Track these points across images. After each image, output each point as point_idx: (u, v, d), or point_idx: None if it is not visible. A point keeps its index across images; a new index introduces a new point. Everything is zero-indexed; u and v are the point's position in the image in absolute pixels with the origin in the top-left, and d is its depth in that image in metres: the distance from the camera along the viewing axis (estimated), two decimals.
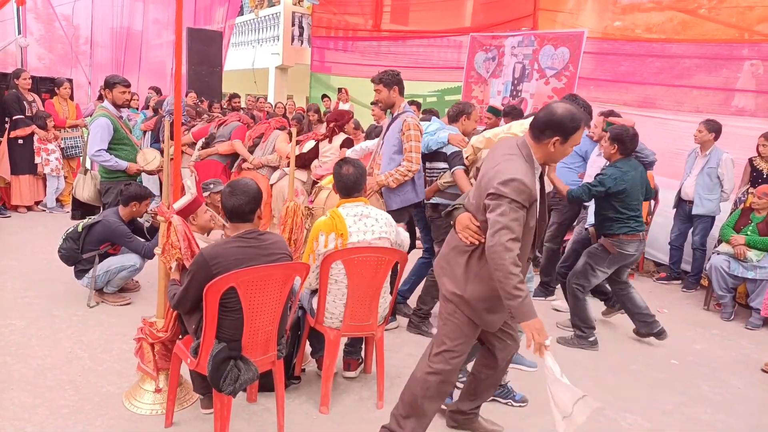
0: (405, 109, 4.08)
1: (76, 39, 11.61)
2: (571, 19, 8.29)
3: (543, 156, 2.40)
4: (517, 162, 2.33)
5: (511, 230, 2.22)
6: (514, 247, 2.22)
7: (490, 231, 2.27)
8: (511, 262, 2.20)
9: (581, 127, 2.34)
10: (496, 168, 2.32)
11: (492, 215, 2.27)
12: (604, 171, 4.08)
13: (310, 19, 13.59)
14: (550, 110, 2.34)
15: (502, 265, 2.21)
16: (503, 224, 2.22)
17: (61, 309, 4.20)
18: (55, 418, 2.83)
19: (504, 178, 2.25)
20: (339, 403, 3.17)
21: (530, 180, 2.29)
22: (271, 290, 2.52)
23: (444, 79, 10.01)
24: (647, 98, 7.24)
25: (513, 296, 2.22)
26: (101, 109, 4.89)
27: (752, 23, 6.50)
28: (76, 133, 7.70)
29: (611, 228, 4.05)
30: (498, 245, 2.22)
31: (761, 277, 4.91)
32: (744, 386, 3.83)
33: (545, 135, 2.33)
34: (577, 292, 4.20)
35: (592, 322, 4.23)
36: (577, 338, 4.24)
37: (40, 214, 7.30)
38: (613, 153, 4.06)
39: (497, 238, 2.23)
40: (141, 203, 4.39)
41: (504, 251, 2.21)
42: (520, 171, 2.28)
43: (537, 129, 2.36)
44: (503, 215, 2.23)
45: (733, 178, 5.56)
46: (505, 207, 2.23)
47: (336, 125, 5.68)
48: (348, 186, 3.06)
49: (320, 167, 5.57)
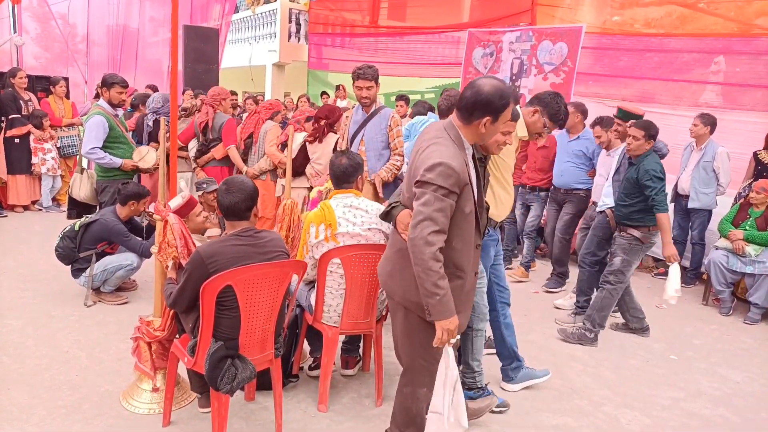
0: (381, 104, 4.21)
1: (72, 37, 11.58)
2: (569, 14, 8.27)
3: (473, 137, 2.27)
4: (444, 145, 2.18)
5: (434, 221, 2.08)
6: (437, 241, 2.09)
7: (412, 222, 2.13)
8: (431, 257, 2.08)
9: (510, 103, 2.20)
10: (424, 154, 2.19)
11: (416, 204, 2.14)
12: (646, 169, 3.93)
13: (307, 16, 13.54)
14: (476, 89, 2.18)
15: (422, 259, 2.09)
16: (426, 215, 2.09)
17: (58, 308, 4.18)
18: (53, 418, 2.82)
19: (429, 163, 2.11)
20: (337, 401, 3.16)
21: (458, 163, 2.13)
22: (268, 288, 2.51)
23: (442, 75, 9.98)
24: (646, 93, 7.22)
25: (431, 293, 2.11)
26: (97, 107, 4.88)
27: (751, 17, 6.49)
28: (72, 132, 7.68)
29: (642, 219, 4.01)
30: (418, 239, 2.09)
31: (760, 272, 4.90)
32: (743, 381, 3.82)
33: (474, 116, 2.19)
34: (614, 290, 4.14)
35: (605, 323, 4.22)
36: (582, 332, 4.21)
37: (36, 214, 7.28)
38: (640, 145, 3.99)
39: (418, 231, 2.09)
40: (139, 202, 4.38)
41: (424, 245, 2.08)
42: (445, 154, 2.13)
43: (465, 110, 2.21)
44: (426, 205, 2.09)
45: (729, 172, 5.56)
46: (429, 196, 2.09)
47: (327, 123, 4.88)
48: (337, 175, 3.08)
49: (316, 176, 4.82)
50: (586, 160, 5.36)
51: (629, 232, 4.08)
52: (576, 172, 5.37)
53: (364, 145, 4.20)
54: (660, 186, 3.91)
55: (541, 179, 5.75)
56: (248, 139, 5.60)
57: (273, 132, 5.47)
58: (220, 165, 5.55)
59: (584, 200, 5.39)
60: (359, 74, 4.08)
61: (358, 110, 4.31)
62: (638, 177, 3.96)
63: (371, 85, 4.08)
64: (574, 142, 5.39)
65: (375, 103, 4.19)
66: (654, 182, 3.88)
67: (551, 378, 3.62)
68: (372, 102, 4.18)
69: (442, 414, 2.19)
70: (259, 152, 5.54)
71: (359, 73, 4.08)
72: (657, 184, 3.89)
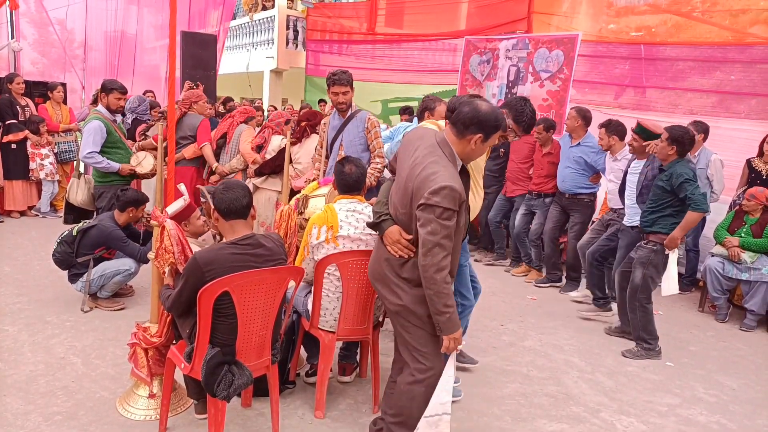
0: (357, 107, 4.26)
1: (70, 43, 11.57)
2: (565, 22, 8.32)
3: (462, 152, 2.37)
4: (443, 166, 2.28)
5: (443, 248, 2.23)
6: (447, 264, 2.25)
7: (422, 250, 2.25)
8: (443, 280, 2.24)
9: (501, 130, 2.37)
10: (423, 174, 2.27)
11: (422, 232, 2.24)
12: (679, 173, 3.89)
13: (304, 23, 13.59)
14: (474, 106, 2.30)
15: (434, 284, 2.24)
16: (434, 242, 2.21)
17: (54, 314, 4.17)
18: (49, 425, 2.81)
19: (435, 186, 2.19)
20: (334, 408, 3.16)
21: (459, 183, 2.25)
22: (265, 294, 2.51)
23: (439, 82, 10.02)
24: (641, 100, 7.27)
25: (442, 312, 2.28)
26: (95, 112, 4.89)
27: (745, 26, 6.54)
28: (69, 138, 7.67)
29: (668, 227, 3.98)
30: (430, 265, 2.23)
31: (755, 279, 4.92)
32: (739, 388, 3.83)
33: (469, 131, 2.31)
34: (648, 306, 4.15)
35: (656, 333, 4.23)
36: (645, 350, 4.19)
37: (33, 219, 7.26)
38: (671, 154, 3.97)
39: (430, 259, 2.23)
40: (138, 209, 4.38)
41: (436, 272, 2.23)
42: (447, 176, 2.23)
43: (461, 124, 2.32)
44: (434, 234, 2.21)
45: (722, 179, 5.61)
46: (435, 224, 2.20)
47: (308, 125, 4.97)
48: (349, 184, 3.10)
49: (297, 178, 4.83)
50: (587, 167, 5.42)
51: (652, 239, 4.07)
52: (577, 177, 5.46)
53: (343, 150, 4.24)
54: (696, 183, 3.88)
55: (547, 185, 5.82)
56: (221, 140, 5.62)
57: (248, 133, 5.46)
58: (190, 165, 5.50)
59: (588, 205, 5.55)
60: (334, 80, 4.11)
61: (335, 116, 4.36)
62: (671, 182, 3.92)
63: (347, 90, 4.11)
64: (575, 148, 5.44)
65: (351, 107, 4.25)
66: (690, 184, 3.84)
67: (547, 384, 3.63)
68: (348, 107, 4.23)
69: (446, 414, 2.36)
70: (231, 152, 5.51)
71: (334, 79, 4.12)
72: (692, 185, 3.85)
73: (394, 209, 2.49)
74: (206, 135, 5.47)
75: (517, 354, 4.09)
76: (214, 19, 12.15)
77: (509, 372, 3.77)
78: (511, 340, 4.34)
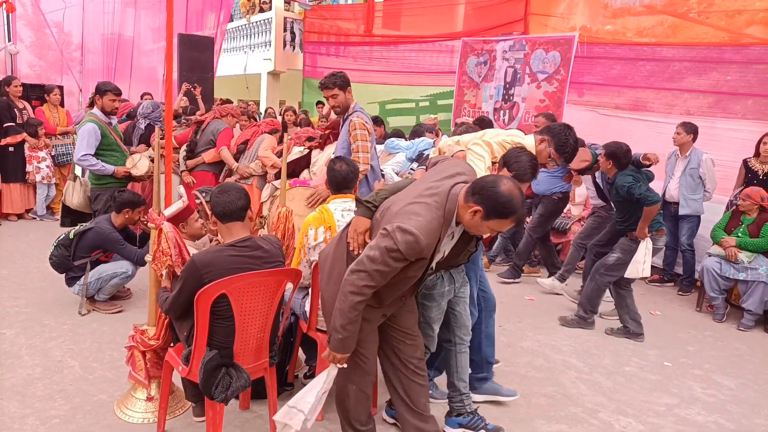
0: (356, 109, 4.13)
1: (67, 46, 11.54)
2: (562, 23, 8.35)
3: (462, 217, 2.22)
4: (431, 215, 2.15)
5: (371, 278, 2.14)
6: (367, 294, 2.17)
7: (354, 265, 2.18)
8: (353, 306, 2.17)
9: (510, 220, 2.15)
10: (409, 208, 2.17)
11: (366, 249, 2.18)
12: (620, 184, 4.28)
13: (302, 25, 13.59)
14: (493, 181, 2.14)
15: (344, 301, 2.19)
16: (368, 269, 2.13)
17: (51, 317, 4.16)
18: (46, 429, 2.81)
19: (405, 226, 2.08)
20: (332, 410, 3.14)
21: (429, 241, 2.13)
22: (263, 297, 2.51)
23: (436, 83, 10.05)
24: (638, 101, 7.29)
25: (338, 330, 2.23)
26: (90, 115, 4.89)
27: (741, 26, 6.56)
28: (67, 140, 7.65)
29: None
30: (351, 284, 2.17)
31: (753, 279, 4.93)
32: (737, 387, 3.84)
33: (473, 198, 2.15)
34: (603, 284, 4.56)
35: (597, 310, 4.74)
36: (579, 319, 4.69)
37: (30, 222, 7.25)
38: (610, 168, 4.41)
39: (354, 278, 2.16)
40: (134, 210, 4.37)
41: (352, 293, 2.16)
42: (423, 226, 2.10)
43: (472, 188, 2.17)
44: (372, 261, 2.13)
45: (714, 178, 5.69)
46: (379, 254, 2.11)
47: (332, 133, 4.98)
48: (338, 181, 3.13)
49: (311, 180, 4.90)
50: (559, 168, 5.31)
51: (632, 236, 4.40)
52: (550, 179, 5.52)
53: (336, 152, 4.23)
54: (638, 184, 4.22)
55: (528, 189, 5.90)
56: (242, 145, 5.77)
57: (269, 141, 5.64)
58: (209, 170, 5.76)
59: (556, 203, 5.64)
60: (320, 85, 4.12)
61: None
62: (620, 193, 4.30)
63: (334, 93, 4.04)
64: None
65: (348, 109, 4.15)
66: (633, 187, 4.20)
67: (545, 385, 3.64)
68: (344, 109, 4.15)
69: (302, 412, 2.31)
70: (250, 158, 5.65)
71: (320, 84, 4.12)
72: (636, 187, 4.19)
73: (377, 214, 2.39)
74: (226, 141, 5.76)
75: (514, 355, 4.10)
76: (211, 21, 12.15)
77: (507, 373, 3.78)
78: (508, 340, 4.35)
